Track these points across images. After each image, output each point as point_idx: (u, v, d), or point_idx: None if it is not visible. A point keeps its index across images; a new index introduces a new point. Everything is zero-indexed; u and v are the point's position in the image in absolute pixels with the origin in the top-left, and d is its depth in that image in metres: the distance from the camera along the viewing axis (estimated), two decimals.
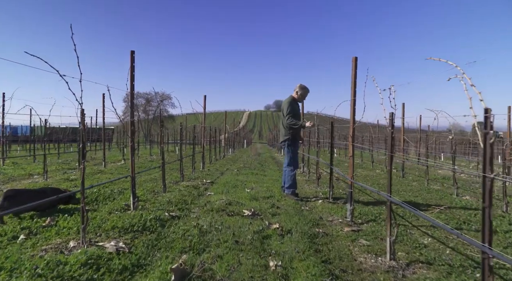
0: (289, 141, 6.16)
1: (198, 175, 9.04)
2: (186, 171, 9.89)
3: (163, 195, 5.96)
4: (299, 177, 9.34)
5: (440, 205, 5.87)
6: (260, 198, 5.94)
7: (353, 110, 4.85)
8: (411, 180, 9.56)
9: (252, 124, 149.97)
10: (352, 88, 4.83)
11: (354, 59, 4.84)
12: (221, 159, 16.03)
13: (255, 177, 8.82)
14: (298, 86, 6.32)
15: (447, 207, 5.81)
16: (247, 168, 11.21)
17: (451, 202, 6.46)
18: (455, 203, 6.28)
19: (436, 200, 6.63)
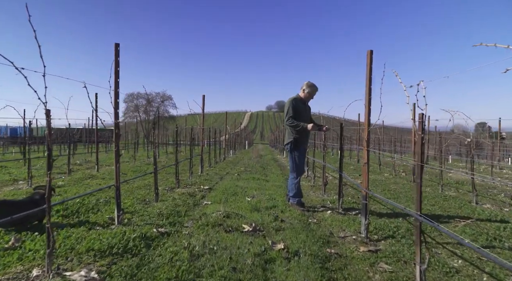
0: (292, 145, 5.57)
1: (195, 180, 8.45)
2: (183, 176, 9.30)
3: (154, 206, 5.38)
4: (303, 182, 8.74)
5: (464, 217, 5.26)
6: (262, 208, 5.34)
7: (368, 111, 4.26)
8: (423, 185, 8.93)
9: (254, 125, 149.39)
10: (366, 85, 4.24)
11: (369, 53, 4.25)
12: (222, 161, 15.44)
13: (256, 182, 8.23)
14: (305, 84, 5.72)
15: (471, 219, 5.19)
16: (248, 172, 10.61)
17: (473, 212, 5.86)
18: (477, 213, 5.67)
19: (455, 210, 6.03)
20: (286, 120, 5.48)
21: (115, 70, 4.29)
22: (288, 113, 5.50)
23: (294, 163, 5.60)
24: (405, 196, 7.21)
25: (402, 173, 11.84)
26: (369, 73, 4.24)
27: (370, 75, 4.24)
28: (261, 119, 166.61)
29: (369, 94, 4.23)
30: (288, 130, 5.64)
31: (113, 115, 4.30)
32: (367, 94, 4.22)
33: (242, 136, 42.75)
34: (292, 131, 5.55)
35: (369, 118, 4.26)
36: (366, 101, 4.25)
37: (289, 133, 5.61)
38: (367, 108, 4.24)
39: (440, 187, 8.23)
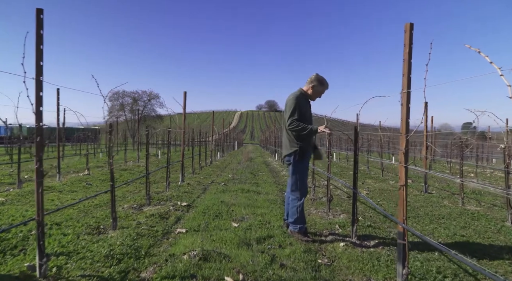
0: (297, 155, 4.19)
1: (172, 193, 7.04)
2: (159, 187, 7.90)
3: (107, 238, 3.97)
4: None
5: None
6: (253, 241, 3.98)
7: (407, 110, 2.94)
8: (438, 197, 7.70)
9: (244, 125, 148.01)
10: (405, 74, 2.92)
11: (409, 26, 2.93)
12: (208, 165, 14.02)
13: (245, 196, 6.86)
14: (314, 78, 4.31)
15: None
16: (236, 181, 9.22)
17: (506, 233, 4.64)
18: None
19: (493, 233, 4.78)
20: (290, 124, 4.09)
21: (37, 49, 2.89)
22: (292, 114, 4.11)
23: (297, 180, 4.25)
24: (426, 214, 5.93)
25: (409, 181, 10.60)
26: (409, 55, 2.91)
27: (410, 58, 2.92)
28: (251, 119, 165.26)
29: (408, 86, 2.91)
30: (289, 136, 4.27)
31: (35, 116, 2.90)
32: (405, 85, 2.90)
33: (232, 137, 41.33)
34: (295, 138, 4.20)
35: (407, 120, 2.94)
36: (404, 96, 2.93)
37: (290, 140, 4.25)
38: (405, 107, 2.93)
39: (460, 200, 6.97)
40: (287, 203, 4.51)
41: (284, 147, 4.36)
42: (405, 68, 2.91)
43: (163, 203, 6.04)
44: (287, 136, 4.27)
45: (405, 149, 2.92)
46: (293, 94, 4.26)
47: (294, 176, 4.23)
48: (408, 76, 2.90)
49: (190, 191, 7.41)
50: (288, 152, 4.23)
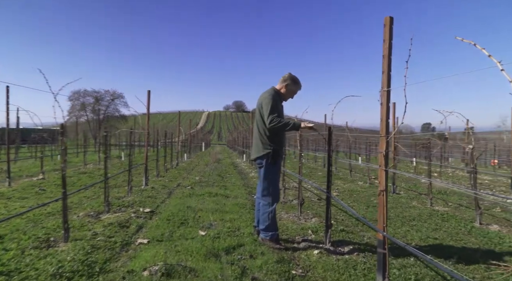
0: (269, 158, 3.93)
1: (135, 198, 6.59)
2: (120, 191, 7.40)
3: (56, 253, 3.53)
4: None
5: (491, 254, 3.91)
6: (222, 251, 3.68)
7: (387, 109, 2.76)
8: (407, 198, 7.71)
9: (211, 125, 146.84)
10: (385, 69, 2.73)
11: (389, 20, 2.75)
12: (174, 168, 13.52)
13: (213, 200, 6.52)
14: (288, 76, 4.11)
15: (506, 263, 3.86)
16: (203, 184, 8.86)
17: (484, 236, 4.63)
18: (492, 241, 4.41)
19: (464, 235, 4.76)
20: (270, 121, 3.77)
21: None
22: (271, 111, 3.80)
23: (269, 184, 3.99)
24: (396, 215, 5.86)
25: (376, 181, 10.65)
26: (389, 51, 2.73)
27: (390, 54, 2.74)
28: (219, 119, 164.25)
29: (388, 84, 2.73)
30: (261, 138, 4.00)
31: None
32: (385, 83, 2.72)
33: (199, 137, 40.66)
34: (268, 139, 3.94)
35: (387, 120, 2.76)
36: (383, 96, 2.75)
37: (263, 142, 3.98)
38: (385, 106, 2.74)
39: (429, 201, 7.00)
40: (258, 209, 4.25)
41: (255, 149, 4.08)
42: (385, 65, 2.72)
43: (123, 210, 5.59)
44: (260, 137, 3.99)
45: (385, 151, 2.74)
46: (267, 92, 4.01)
47: (266, 180, 3.96)
48: (388, 74, 2.72)
49: (154, 196, 6.97)
50: (260, 154, 3.95)
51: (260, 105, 3.98)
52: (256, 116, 4.12)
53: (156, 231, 4.41)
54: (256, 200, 4.33)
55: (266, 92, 4.05)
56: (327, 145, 4.22)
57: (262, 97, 4.03)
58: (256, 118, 4.11)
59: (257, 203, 4.29)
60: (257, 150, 4.01)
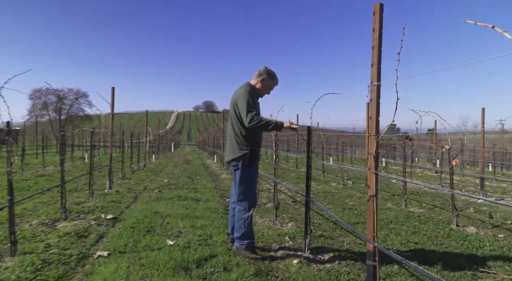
0: (246, 160, 3.60)
1: (96, 203, 6.06)
2: (80, 195, 6.82)
3: (0, 270, 3.05)
4: None
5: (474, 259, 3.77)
6: (193, 263, 3.31)
7: (377, 105, 2.51)
8: (381, 199, 7.62)
9: (181, 125, 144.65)
10: (374, 61, 2.48)
11: (379, 7, 2.49)
12: (141, 169, 12.90)
13: (183, 204, 6.11)
14: (263, 70, 3.80)
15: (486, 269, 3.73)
16: (172, 187, 8.39)
17: (464, 239, 4.53)
18: (472, 244, 4.31)
19: (444, 238, 4.64)
20: (251, 119, 3.40)
21: None
22: (250, 109, 3.46)
23: (246, 188, 3.66)
24: None
25: (349, 182, 10.58)
26: (379, 41, 2.48)
27: (380, 45, 2.49)
28: (188, 119, 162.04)
29: (378, 78, 2.48)
30: (237, 138, 3.67)
31: None
32: (375, 77, 2.47)
33: (168, 138, 39.70)
34: (244, 140, 3.63)
35: (377, 118, 2.51)
36: (373, 91, 2.49)
37: (239, 142, 3.65)
38: (375, 102, 2.49)
39: (403, 202, 6.92)
40: (232, 215, 3.91)
41: (229, 150, 3.74)
42: (375, 57, 2.46)
43: (83, 217, 5.09)
44: (235, 137, 3.66)
45: (375, 152, 2.48)
46: (242, 89, 3.68)
47: (243, 184, 3.64)
48: (378, 66, 2.46)
49: (118, 200, 6.46)
50: (236, 155, 3.62)
51: (235, 102, 3.65)
52: (230, 114, 3.79)
53: (119, 241, 3.98)
54: (230, 205, 4.00)
55: (241, 88, 3.73)
56: (307, 146, 3.94)
57: (237, 93, 3.71)
58: (230, 117, 3.78)
59: (231, 209, 3.96)
60: (232, 151, 3.67)
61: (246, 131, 3.61)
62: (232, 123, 3.71)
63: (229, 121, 3.79)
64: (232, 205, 3.91)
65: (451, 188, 5.51)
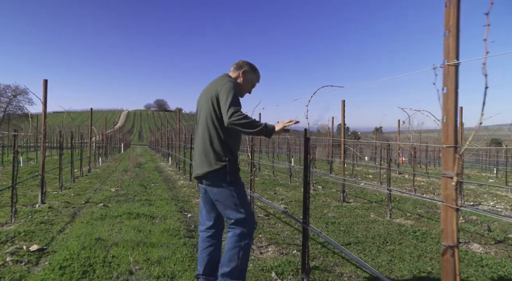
0: (228, 174, 2.63)
1: (20, 227, 4.69)
2: (2, 214, 5.37)
3: None
4: None
5: None
6: None
7: (455, 99, 1.58)
8: (362, 208, 6.88)
9: (131, 125, 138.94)
10: (452, 27, 1.55)
11: None
12: (84, 175, 11.28)
13: (134, 224, 4.90)
14: (244, 62, 2.93)
15: None
16: (121, 198, 7.07)
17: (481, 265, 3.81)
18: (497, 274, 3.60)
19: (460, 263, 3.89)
20: (232, 114, 2.45)
21: None
22: (234, 102, 2.51)
23: (237, 208, 2.65)
24: (365, 236, 4.88)
25: (319, 187, 9.83)
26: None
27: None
28: (139, 119, 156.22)
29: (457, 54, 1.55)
30: (212, 144, 2.65)
31: None
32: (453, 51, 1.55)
33: (117, 138, 37.20)
34: (223, 146, 2.64)
35: (456, 119, 1.59)
36: (450, 74, 1.58)
37: (216, 150, 2.65)
38: (453, 93, 1.57)
39: (388, 212, 6.21)
40: (204, 248, 2.86)
41: (201, 160, 2.69)
42: (452, 17, 1.54)
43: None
44: (210, 143, 2.66)
45: (456, 175, 1.56)
46: (224, 79, 2.73)
47: (232, 202, 2.65)
48: (456, 34, 1.54)
49: (49, 221, 5.10)
50: (212, 168, 2.61)
51: (215, 95, 2.63)
52: (202, 115, 2.76)
53: None
54: (200, 235, 2.93)
55: (221, 79, 2.75)
56: (304, 154, 2.98)
57: (215, 85, 2.70)
58: (203, 117, 2.74)
59: (202, 239, 2.90)
60: (206, 162, 2.64)
61: (226, 135, 2.65)
62: (207, 125, 2.67)
63: (202, 123, 2.74)
64: (204, 234, 2.87)
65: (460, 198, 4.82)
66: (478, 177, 16.41)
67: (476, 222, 6.10)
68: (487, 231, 5.53)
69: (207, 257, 2.84)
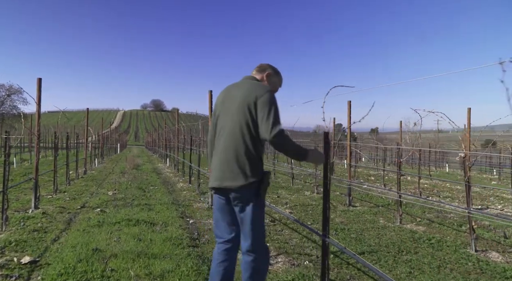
0: (261, 189, 2.38)
1: (11, 236, 4.39)
2: None
3: None
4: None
5: None
6: None
7: None
8: (370, 213, 6.63)
9: (127, 125, 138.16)
10: None
11: None
12: (80, 177, 10.94)
13: (134, 233, 4.60)
14: (267, 65, 2.71)
15: None
16: (119, 202, 6.77)
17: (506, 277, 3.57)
18: None
19: (479, 275, 3.65)
20: (278, 133, 2.25)
21: None
22: (278, 119, 2.31)
23: (259, 232, 2.42)
24: (378, 244, 4.62)
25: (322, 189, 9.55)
26: None
27: None
28: (136, 118, 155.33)
29: None
30: (248, 152, 2.36)
31: None
32: None
33: (114, 138, 36.81)
34: (259, 157, 2.43)
35: None
36: None
37: (251, 159, 2.36)
38: None
39: (398, 218, 5.96)
40: (219, 261, 2.57)
41: (232, 171, 2.37)
42: None
43: None
44: (245, 153, 2.35)
45: None
46: (260, 85, 2.51)
47: (257, 226, 2.39)
48: None
49: (43, 229, 4.80)
50: (247, 181, 2.32)
51: (253, 102, 2.36)
52: (233, 118, 2.42)
53: None
54: (217, 247, 2.63)
55: (259, 85, 2.50)
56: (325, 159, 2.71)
57: (254, 90, 2.42)
58: (234, 122, 2.41)
59: (218, 252, 2.60)
60: (242, 174, 2.34)
61: (261, 146, 2.44)
62: (241, 133, 2.37)
63: (232, 129, 2.40)
64: (222, 247, 2.58)
65: (468, 205, 4.59)
66: (480, 179, 16.24)
67: (490, 228, 5.87)
68: (503, 237, 5.30)
69: (223, 272, 2.56)
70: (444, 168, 21.05)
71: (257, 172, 2.35)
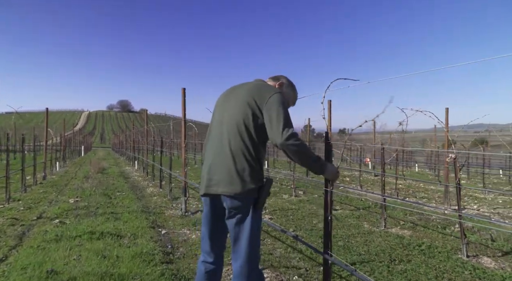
0: (260, 197, 2.01)
1: None
2: None
3: None
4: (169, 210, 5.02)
5: None
6: None
7: None
8: (352, 216, 6.36)
9: (93, 126, 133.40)
10: None
11: None
12: (38, 183, 10.04)
13: (97, 248, 4.02)
14: (282, 76, 2.38)
15: None
16: (81, 211, 6.10)
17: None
18: None
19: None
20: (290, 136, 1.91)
21: None
22: (289, 122, 1.97)
23: (254, 245, 2.04)
24: (368, 252, 4.30)
25: (300, 192, 9.24)
26: None
27: None
28: (101, 120, 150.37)
29: None
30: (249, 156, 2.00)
31: None
32: None
33: (77, 140, 35.07)
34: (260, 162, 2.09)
35: None
36: None
37: (252, 165, 2.00)
38: None
39: (383, 221, 5.71)
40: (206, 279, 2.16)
41: (230, 175, 2.00)
42: None
43: None
44: (244, 157, 2.01)
45: None
46: (270, 87, 2.18)
47: (251, 243, 2.02)
48: None
49: None
50: (246, 188, 1.97)
51: (260, 102, 2.03)
52: (233, 118, 2.07)
53: None
54: (200, 268, 2.20)
55: (267, 86, 2.19)
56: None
57: (261, 90, 2.10)
58: (233, 122, 2.06)
59: (201, 274, 2.18)
60: (239, 179, 1.98)
61: (263, 149, 2.08)
62: (241, 135, 2.03)
63: (231, 130, 2.06)
64: (205, 268, 2.17)
65: (459, 208, 4.36)
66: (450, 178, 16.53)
67: (474, 230, 5.73)
68: (490, 241, 5.14)
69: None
70: (414, 168, 21.40)
71: (256, 179, 2.00)
